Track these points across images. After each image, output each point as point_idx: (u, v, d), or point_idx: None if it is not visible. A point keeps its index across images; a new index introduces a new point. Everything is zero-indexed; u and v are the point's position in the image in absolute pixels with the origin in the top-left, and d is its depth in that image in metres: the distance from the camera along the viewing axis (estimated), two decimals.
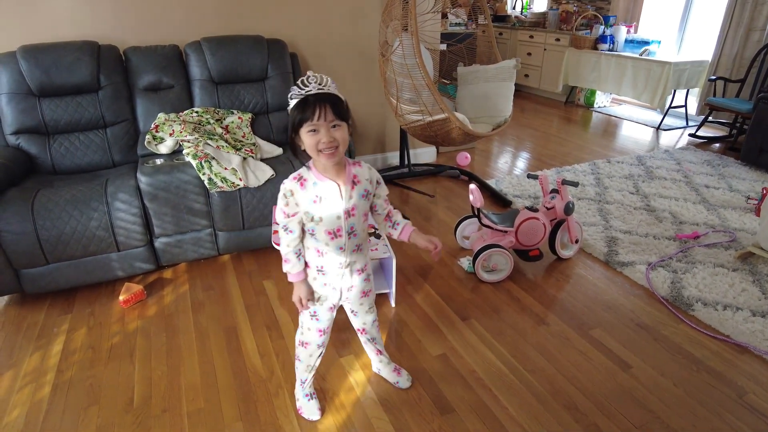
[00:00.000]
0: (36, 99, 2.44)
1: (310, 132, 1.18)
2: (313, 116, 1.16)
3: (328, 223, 1.28)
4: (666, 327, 2.04)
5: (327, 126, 1.18)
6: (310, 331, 1.47)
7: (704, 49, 5.08)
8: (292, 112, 1.20)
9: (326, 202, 1.26)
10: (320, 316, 1.44)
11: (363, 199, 1.31)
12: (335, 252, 1.33)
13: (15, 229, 2.01)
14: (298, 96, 1.18)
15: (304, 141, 1.21)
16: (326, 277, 1.37)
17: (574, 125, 5.18)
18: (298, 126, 1.19)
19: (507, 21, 6.82)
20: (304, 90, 1.18)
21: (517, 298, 2.23)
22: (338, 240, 1.31)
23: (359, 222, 1.33)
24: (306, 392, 1.62)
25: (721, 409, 1.64)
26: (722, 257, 2.51)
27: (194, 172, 2.27)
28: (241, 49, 2.77)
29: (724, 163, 3.91)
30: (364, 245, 1.39)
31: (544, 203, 2.42)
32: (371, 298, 1.54)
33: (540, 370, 1.80)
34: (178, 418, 1.61)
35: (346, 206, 1.28)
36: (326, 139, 1.18)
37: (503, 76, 3.14)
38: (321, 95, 1.18)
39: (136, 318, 2.12)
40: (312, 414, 1.60)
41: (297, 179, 1.26)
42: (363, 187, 1.30)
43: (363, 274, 1.43)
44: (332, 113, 1.18)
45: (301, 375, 1.60)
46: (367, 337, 1.66)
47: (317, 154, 1.21)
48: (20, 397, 1.70)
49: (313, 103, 1.16)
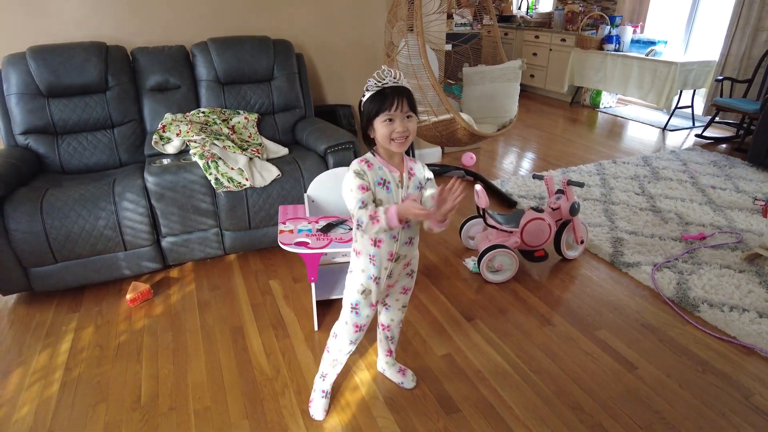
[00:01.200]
0: (45, 99, 2.46)
1: (386, 121, 1.24)
2: (391, 107, 1.22)
3: None
4: (672, 328, 2.03)
5: (402, 116, 1.24)
6: (347, 324, 1.48)
7: (711, 49, 5.05)
8: (369, 103, 1.25)
9: (389, 186, 1.30)
10: (361, 310, 1.45)
11: (417, 190, 1.35)
12: (389, 240, 1.35)
13: (24, 228, 2.03)
14: (375, 88, 1.24)
15: (378, 130, 1.26)
16: (375, 269, 1.38)
17: (580, 126, 5.17)
18: (374, 116, 1.25)
19: (512, 21, 6.81)
20: (381, 82, 1.24)
21: (522, 299, 2.23)
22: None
23: None
24: (324, 388, 1.62)
25: (728, 410, 1.63)
26: (729, 258, 2.50)
27: (201, 172, 2.28)
28: (247, 50, 2.79)
29: (730, 163, 3.89)
30: (415, 239, 1.42)
31: (550, 204, 2.42)
32: (408, 296, 1.57)
33: (545, 370, 1.80)
34: (185, 416, 1.62)
35: (404, 194, 1.32)
36: (401, 129, 1.24)
37: (509, 76, 3.14)
38: (397, 88, 1.24)
39: (142, 317, 2.13)
40: (317, 412, 1.60)
41: (364, 162, 1.30)
42: (417, 180, 1.36)
43: (408, 269, 1.46)
44: (407, 105, 1.24)
45: (324, 368, 1.60)
46: (387, 334, 1.67)
47: (389, 143, 1.26)
48: (29, 394, 1.72)
49: (391, 95, 1.22)
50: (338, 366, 1.58)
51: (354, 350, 1.55)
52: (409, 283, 1.53)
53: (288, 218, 2.03)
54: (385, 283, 1.43)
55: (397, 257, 1.39)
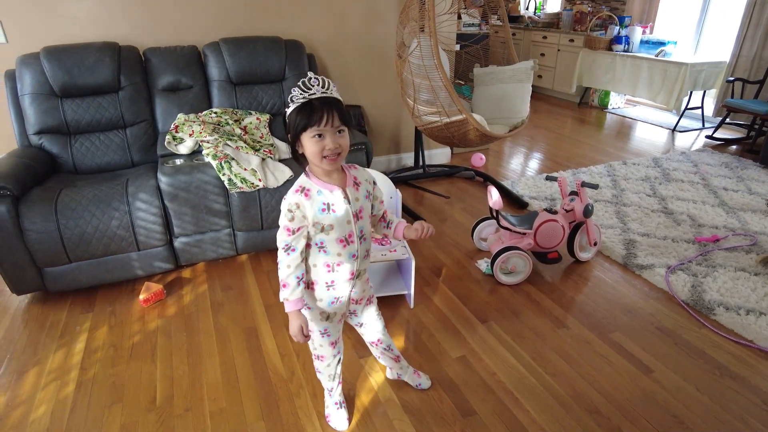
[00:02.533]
0: (58, 99, 2.47)
1: (315, 137, 1.13)
2: (320, 122, 1.11)
3: (340, 230, 1.23)
4: (687, 331, 2.02)
5: (333, 132, 1.14)
6: (322, 347, 1.45)
7: (722, 49, 5.02)
8: (294, 115, 1.14)
9: (334, 208, 1.21)
10: (330, 331, 1.42)
11: (366, 200, 1.29)
12: (348, 261, 1.28)
13: (39, 227, 2.04)
14: (300, 99, 1.13)
15: (306, 147, 1.15)
16: (336, 292, 1.33)
17: (589, 126, 5.15)
18: (301, 131, 1.13)
19: (520, 21, 6.79)
20: (307, 93, 1.12)
21: (535, 301, 2.22)
22: (351, 246, 1.27)
23: (367, 224, 1.30)
24: (335, 400, 1.59)
25: (746, 414, 1.62)
26: (743, 261, 2.48)
27: (214, 173, 2.28)
28: (259, 50, 2.79)
29: (742, 165, 3.86)
30: (370, 250, 1.37)
31: (563, 205, 2.41)
32: (376, 303, 1.52)
33: (561, 373, 1.79)
34: (201, 417, 1.62)
35: (354, 209, 1.24)
36: (332, 146, 1.14)
37: (520, 77, 3.12)
38: (327, 99, 1.13)
39: (156, 317, 2.13)
40: (340, 424, 1.57)
41: (300, 191, 1.20)
42: (365, 188, 1.28)
43: (363, 277, 1.41)
44: (338, 119, 1.14)
45: (326, 385, 1.58)
46: (382, 348, 1.59)
47: (320, 161, 1.16)
48: (45, 394, 1.72)
49: (320, 108, 1.11)
50: (337, 378, 1.55)
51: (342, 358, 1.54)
52: (369, 292, 1.47)
53: None
54: (348, 300, 1.38)
55: (358, 274, 1.33)
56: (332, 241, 1.24)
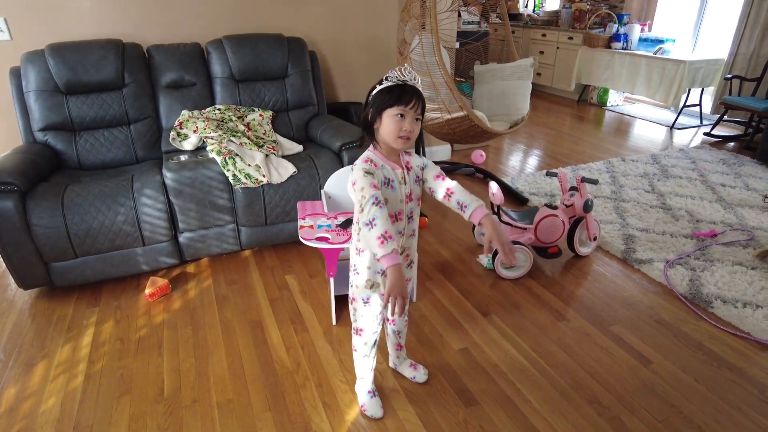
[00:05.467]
0: (63, 96, 2.49)
1: (397, 116, 1.23)
2: (408, 103, 1.22)
3: (392, 206, 1.31)
4: (686, 324, 2.05)
5: (413, 116, 1.25)
6: (363, 317, 1.48)
7: (720, 47, 5.06)
8: (384, 93, 1.24)
9: (393, 184, 1.31)
10: (372, 302, 1.46)
11: (416, 184, 1.37)
12: (394, 236, 1.33)
13: (46, 223, 2.06)
14: (395, 81, 1.24)
15: (386, 123, 1.25)
16: (381, 264, 1.36)
17: (588, 124, 5.18)
18: (386, 106, 1.23)
19: (519, 19, 6.82)
20: (402, 79, 1.24)
21: (536, 294, 2.25)
22: (398, 224, 1.35)
23: (416, 207, 1.38)
24: (368, 389, 1.62)
25: (744, 405, 1.65)
26: (740, 255, 2.52)
27: (218, 169, 2.31)
28: (261, 48, 2.81)
29: (739, 162, 3.90)
30: (416, 231, 1.44)
31: (563, 201, 2.44)
32: (410, 286, 1.57)
33: (561, 364, 1.83)
34: (208, 408, 1.65)
35: (406, 190, 1.33)
36: (409, 128, 1.24)
37: (520, 74, 3.15)
38: (416, 89, 1.25)
39: (161, 311, 2.16)
40: (376, 412, 1.59)
41: (369, 161, 1.29)
42: (415, 173, 1.37)
43: (408, 260, 1.47)
44: (420, 108, 1.26)
45: (359, 367, 1.59)
46: (394, 329, 1.67)
47: (395, 139, 1.25)
48: (55, 386, 1.75)
49: (410, 93, 1.23)
50: (371, 360, 1.57)
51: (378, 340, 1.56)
52: (409, 274, 1.53)
53: (307, 214, 2.05)
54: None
55: (402, 250, 1.39)
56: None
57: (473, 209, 1.35)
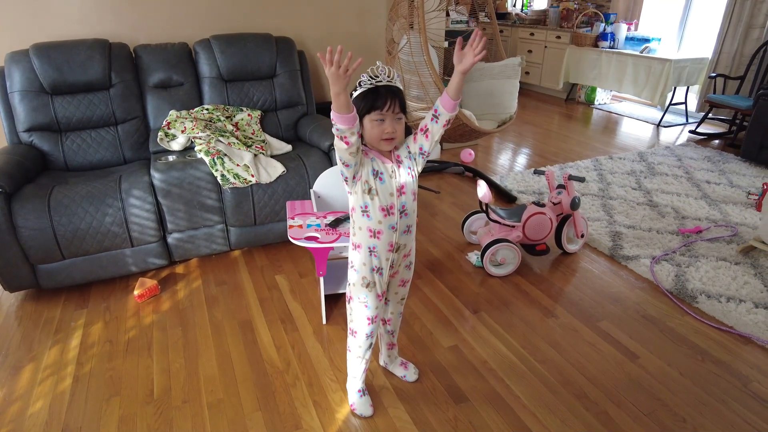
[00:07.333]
0: (48, 96, 2.46)
1: (377, 121, 1.24)
2: (383, 106, 1.22)
3: (383, 199, 1.32)
4: (671, 319, 2.09)
5: (393, 117, 1.25)
6: (359, 318, 1.49)
7: (704, 46, 5.12)
8: (359, 99, 1.24)
9: (382, 176, 1.31)
10: (369, 303, 1.46)
11: (409, 176, 1.35)
12: (388, 231, 1.35)
13: (32, 224, 2.04)
14: (368, 85, 1.24)
15: (368, 128, 1.26)
16: (377, 260, 1.39)
17: (575, 122, 5.23)
18: (364, 113, 1.24)
19: (507, 18, 6.85)
20: (374, 80, 1.24)
21: (525, 291, 2.27)
22: (391, 218, 1.34)
23: (410, 201, 1.37)
24: (358, 388, 1.63)
25: (727, 397, 1.68)
26: (724, 251, 2.56)
27: (207, 169, 2.30)
28: (250, 47, 2.80)
29: (724, 159, 3.96)
30: (413, 228, 1.42)
31: (551, 198, 2.47)
32: (407, 289, 1.57)
33: (550, 360, 1.85)
34: (199, 408, 1.65)
35: (397, 184, 1.33)
36: (390, 129, 1.25)
37: (508, 73, 3.17)
38: (391, 88, 1.24)
39: (151, 312, 2.15)
40: (365, 410, 1.60)
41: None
42: (406, 165, 1.35)
43: (407, 260, 1.47)
44: (399, 106, 1.25)
45: (351, 368, 1.60)
46: (388, 328, 1.67)
47: (378, 142, 1.27)
48: (42, 389, 1.74)
49: (384, 94, 1.22)
50: (364, 362, 1.58)
51: (373, 343, 1.56)
52: (407, 275, 1.52)
53: (296, 213, 2.05)
54: (388, 273, 1.44)
55: (397, 247, 1.40)
56: (375, 207, 1.32)
57: (439, 103, 1.29)
